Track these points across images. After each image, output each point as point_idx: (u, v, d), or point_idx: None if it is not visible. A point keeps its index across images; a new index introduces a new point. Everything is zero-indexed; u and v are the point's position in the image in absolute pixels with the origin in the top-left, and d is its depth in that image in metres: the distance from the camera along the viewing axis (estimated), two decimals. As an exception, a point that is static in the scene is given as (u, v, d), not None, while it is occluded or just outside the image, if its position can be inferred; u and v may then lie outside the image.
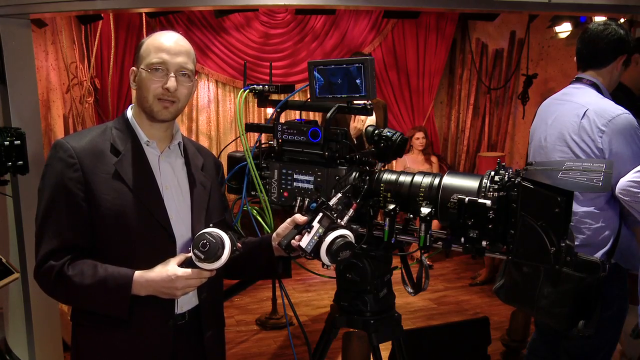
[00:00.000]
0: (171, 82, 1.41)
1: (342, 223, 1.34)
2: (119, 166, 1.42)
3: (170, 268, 1.37)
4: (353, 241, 1.32)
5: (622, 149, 2.03)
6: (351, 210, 1.38)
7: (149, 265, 1.40)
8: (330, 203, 1.36)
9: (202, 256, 1.30)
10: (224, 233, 1.34)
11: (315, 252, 1.31)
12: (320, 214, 1.34)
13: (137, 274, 1.38)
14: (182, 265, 1.37)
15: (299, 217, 1.40)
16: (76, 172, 1.38)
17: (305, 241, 1.32)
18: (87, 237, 1.40)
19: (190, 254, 1.33)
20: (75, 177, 1.38)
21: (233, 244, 1.34)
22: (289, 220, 1.44)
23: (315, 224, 1.32)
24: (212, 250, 1.30)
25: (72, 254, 1.39)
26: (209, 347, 1.54)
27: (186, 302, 1.49)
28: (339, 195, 1.39)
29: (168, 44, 1.43)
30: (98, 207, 1.39)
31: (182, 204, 1.50)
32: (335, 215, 1.34)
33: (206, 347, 1.53)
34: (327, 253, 1.29)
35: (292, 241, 1.36)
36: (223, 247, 1.31)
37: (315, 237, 1.31)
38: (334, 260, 1.30)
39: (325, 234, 1.31)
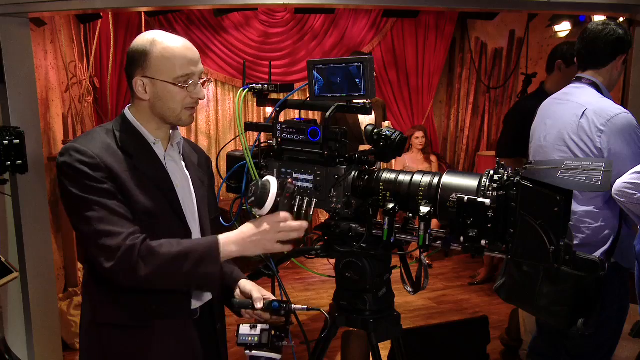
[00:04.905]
0: (204, 92, 1.47)
1: (281, 345, 1.47)
2: (138, 165, 1.43)
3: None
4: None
5: (621, 149, 2.03)
6: (293, 343, 1.50)
7: None
8: (294, 307, 1.47)
9: (252, 199, 1.35)
10: (272, 178, 1.38)
11: (246, 348, 1.47)
12: (266, 329, 1.46)
13: (222, 235, 1.40)
14: None
15: (257, 301, 1.49)
16: (102, 170, 1.37)
17: (243, 331, 1.47)
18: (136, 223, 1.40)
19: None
20: (104, 176, 1.37)
21: (281, 185, 1.37)
22: (252, 289, 1.54)
23: (259, 330, 1.46)
24: (258, 194, 1.34)
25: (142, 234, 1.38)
26: (220, 338, 1.62)
27: (199, 300, 1.55)
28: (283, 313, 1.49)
29: (190, 54, 1.44)
30: (130, 202, 1.39)
31: (189, 200, 1.55)
32: (276, 339, 1.46)
33: (219, 338, 1.61)
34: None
35: (242, 311, 1.53)
36: (268, 190, 1.35)
37: (251, 338, 1.46)
38: None
39: (258, 346, 1.45)
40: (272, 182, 1.37)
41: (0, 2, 2.48)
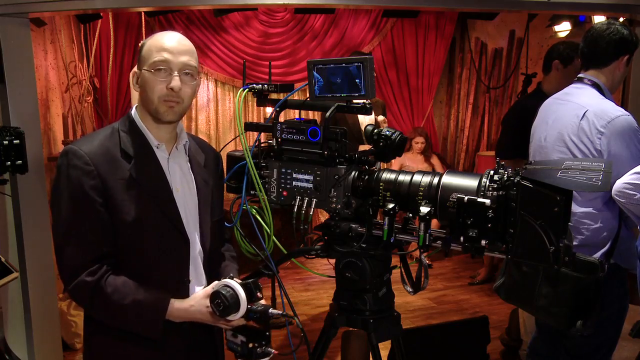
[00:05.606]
0: (175, 82, 1.41)
1: (264, 350, 1.46)
2: (133, 171, 1.41)
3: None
4: None
5: (621, 151, 2.03)
6: (274, 351, 1.48)
7: (164, 267, 1.44)
8: (271, 312, 1.41)
9: (217, 313, 1.36)
10: (240, 288, 1.37)
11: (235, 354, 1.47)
12: (244, 341, 1.44)
13: (173, 302, 1.42)
14: None
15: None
16: (94, 179, 1.37)
17: (228, 337, 1.47)
18: (112, 242, 1.40)
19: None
20: (94, 184, 1.37)
21: (251, 296, 1.39)
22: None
23: (239, 341, 1.45)
24: (226, 310, 1.36)
25: (104, 263, 1.39)
26: (217, 336, 1.62)
27: None
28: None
29: (170, 43, 1.42)
30: (117, 212, 1.39)
31: (190, 204, 1.53)
32: (255, 350, 1.45)
33: (215, 336, 1.60)
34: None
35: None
36: (238, 306, 1.37)
37: (235, 346, 1.46)
38: None
39: (242, 356, 1.45)
40: (240, 295, 1.37)
41: (1, 2, 2.48)
